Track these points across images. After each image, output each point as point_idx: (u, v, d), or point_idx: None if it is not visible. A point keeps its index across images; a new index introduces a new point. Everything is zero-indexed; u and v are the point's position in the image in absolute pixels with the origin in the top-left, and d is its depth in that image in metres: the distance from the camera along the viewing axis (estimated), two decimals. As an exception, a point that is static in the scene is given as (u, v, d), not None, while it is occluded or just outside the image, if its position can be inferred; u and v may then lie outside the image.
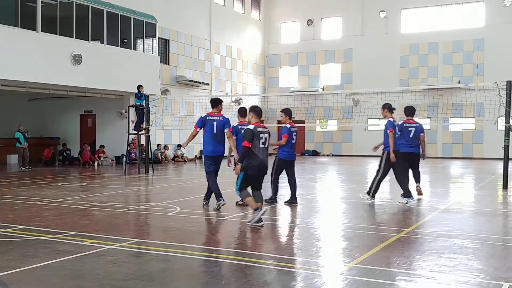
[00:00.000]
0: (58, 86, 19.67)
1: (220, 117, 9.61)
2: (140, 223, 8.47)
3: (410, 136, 10.83)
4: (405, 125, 10.88)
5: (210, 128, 9.49)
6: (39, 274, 5.23)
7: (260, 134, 7.75)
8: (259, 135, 7.74)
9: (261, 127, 7.86)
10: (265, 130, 7.87)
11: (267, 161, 7.91)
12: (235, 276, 5.22)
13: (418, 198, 11.09)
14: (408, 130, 10.84)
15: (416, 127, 10.94)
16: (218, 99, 9.86)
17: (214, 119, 9.54)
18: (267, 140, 7.87)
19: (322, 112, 31.96)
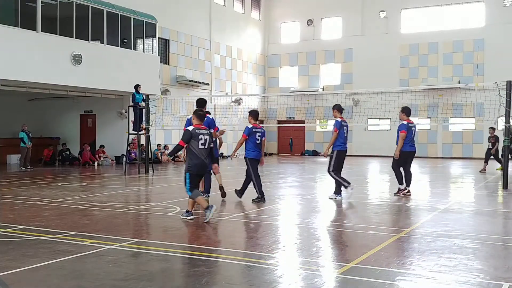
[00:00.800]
0: (58, 86, 19.67)
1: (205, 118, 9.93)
2: (140, 223, 8.46)
3: (412, 136, 11.44)
4: (410, 126, 11.48)
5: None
6: (39, 274, 5.23)
7: (200, 135, 8.13)
8: (198, 136, 8.12)
9: (201, 129, 8.25)
10: (205, 131, 8.26)
11: (208, 160, 8.41)
12: (235, 276, 5.22)
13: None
14: (411, 130, 11.45)
15: (415, 126, 11.64)
16: (203, 100, 10.36)
17: None
18: (208, 141, 8.23)
19: (322, 112, 31.95)
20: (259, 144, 10.52)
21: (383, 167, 20.96)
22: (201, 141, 8.15)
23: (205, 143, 8.20)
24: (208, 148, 8.30)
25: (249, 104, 31.82)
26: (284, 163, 25.66)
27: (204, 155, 8.21)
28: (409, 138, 11.36)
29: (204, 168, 8.34)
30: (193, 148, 8.13)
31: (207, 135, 8.27)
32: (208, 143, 8.29)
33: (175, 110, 23.82)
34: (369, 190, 14.00)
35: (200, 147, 8.15)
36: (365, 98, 29.20)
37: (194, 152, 8.15)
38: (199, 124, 8.30)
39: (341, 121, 10.97)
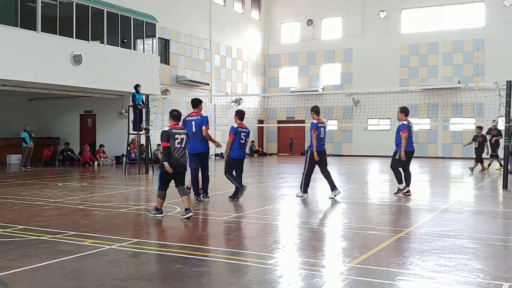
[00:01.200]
0: (58, 86, 19.66)
1: (198, 116, 10.19)
2: (140, 223, 8.46)
3: (411, 135, 11.51)
4: (410, 126, 11.54)
5: (190, 128, 10.04)
6: (39, 274, 5.23)
7: (176, 135, 8.44)
8: (175, 136, 8.42)
9: (177, 129, 8.52)
10: (181, 131, 8.56)
11: (183, 159, 8.58)
12: (235, 276, 5.22)
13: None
14: (411, 130, 11.53)
15: (412, 126, 11.71)
16: (197, 100, 10.46)
17: (192, 119, 10.19)
18: (184, 140, 8.51)
19: (322, 112, 31.70)
20: (243, 143, 10.71)
21: (383, 167, 20.96)
22: (177, 140, 8.44)
23: (181, 142, 8.49)
24: (184, 147, 8.57)
25: (249, 104, 31.83)
26: (284, 163, 25.66)
27: (180, 153, 8.48)
28: (409, 138, 11.44)
29: (180, 166, 8.56)
30: (170, 147, 8.42)
31: (183, 134, 8.58)
32: (185, 142, 8.56)
33: (175, 110, 23.78)
34: (369, 190, 14.00)
35: (176, 146, 8.43)
36: (365, 98, 29.19)
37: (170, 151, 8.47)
38: (175, 124, 8.60)
39: (317, 123, 11.24)
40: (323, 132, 11.29)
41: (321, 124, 11.31)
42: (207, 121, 10.23)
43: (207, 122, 10.22)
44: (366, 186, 14.87)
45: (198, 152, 10.20)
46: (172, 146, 8.42)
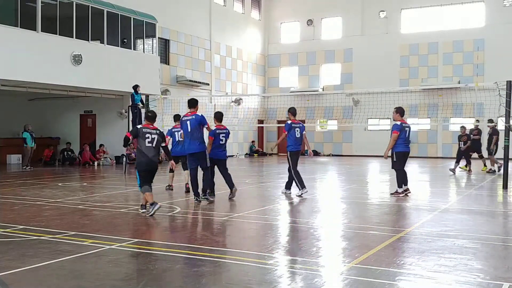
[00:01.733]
0: (58, 86, 19.66)
1: (193, 116, 10.09)
2: (140, 223, 8.46)
3: (407, 136, 11.44)
4: (403, 126, 11.45)
5: (185, 128, 10.05)
6: (39, 274, 5.23)
7: (147, 134, 8.70)
8: (145, 135, 8.68)
9: (150, 128, 8.77)
10: (153, 131, 8.76)
11: (156, 159, 8.84)
12: (235, 276, 5.22)
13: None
14: (405, 130, 11.42)
15: (409, 127, 11.60)
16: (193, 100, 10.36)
17: (187, 119, 10.10)
18: (156, 140, 8.73)
19: (322, 112, 31.97)
20: (222, 144, 10.89)
21: (383, 167, 20.96)
22: (147, 140, 8.68)
23: (152, 142, 8.69)
24: (156, 146, 8.78)
25: (249, 104, 31.83)
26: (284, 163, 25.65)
27: (151, 153, 8.74)
28: (403, 139, 11.35)
29: (151, 165, 8.82)
30: (140, 146, 8.71)
31: (156, 134, 8.76)
32: (157, 142, 8.75)
33: (175, 110, 23.73)
34: (369, 190, 14.00)
35: (147, 145, 8.67)
36: (365, 98, 29.19)
37: (140, 150, 8.75)
38: (147, 124, 8.87)
39: (291, 123, 11.44)
40: (299, 133, 11.46)
41: (295, 124, 11.49)
42: (204, 119, 10.11)
43: (205, 120, 10.13)
44: (366, 186, 14.87)
45: (194, 151, 10.14)
46: (142, 145, 8.69)
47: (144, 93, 19.10)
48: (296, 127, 11.43)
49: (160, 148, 8.93)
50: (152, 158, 8.79)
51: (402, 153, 11.40)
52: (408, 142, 11.56)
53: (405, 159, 11.59)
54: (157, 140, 8.79)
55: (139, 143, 8.73)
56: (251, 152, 32.19)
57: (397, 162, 11.48)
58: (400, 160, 11.45)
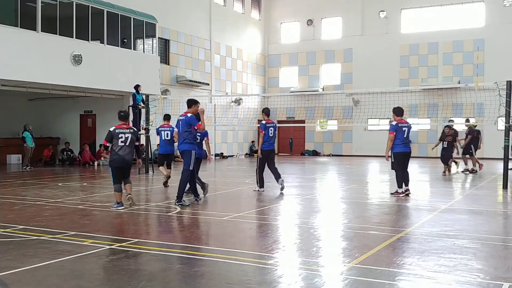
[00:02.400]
0: (58, 86, 19.66)
1: (184, 116, 10.01)
2: (140, 223, 8.46)
3: (405, 136, 11.32)
4: (400, 125, 11.33)
5: (178, 128, 10.05)
6: (39, 274, 5.23)
7: (120, 134, 9.28)
8: (118, 135, 9.26)
9: (123, 128, 9.31)
10: (126, 130, 9.34)
11: (128, 157, 9.37)
12: (235, 276, 5.22)
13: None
14: (402, 130, 11.32)
15: (408, 126, 11.44)
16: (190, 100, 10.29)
17: (180, 119, 10.09)
18: (129, 139, 9.29)
19: (322, 112, 31.97)
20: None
21: (383, 167, 20.95)
22: (121, 139, 9.25)
23: (125, 141, 9.27)
24: (130, 145, 9.32)
25: (249, 104, 31.83)
26: (284, 163, 25.65)
27: (124, 151, 9.29)
28: (401, 139, 11.24)
29: (123, 163, 9.38)
30: (114, 145, 9.25)
31: (129, 133, 9.34)
32: (130, 141, 9.31)
33: (175, 110, 23.77)
34: (369, 190, 14.00)
35: (120, 144, 9.25)
36: (365, 98, 29.18)
37: (113, 149, 9.30)
38: (120, 125, 9.40)
39: (265, 123, 12.05)
40: (272, 132, 12.11)
41: (269, 124, 12.12)
42: (194, 119, 9.83)
43: (194, 120, 9.81)
44: (366, 186, 14.87)
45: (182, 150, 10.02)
46: (115, 144, 9.24)
47: (144, 93, 19.10)
48: (270, 127, 12.07)
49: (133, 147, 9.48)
50: (124, 156, 9.32)
51: (400, 153, 11.31)
52: (408, 142, 11.43)
53: (406, 159, 11.48)
54: (130, 139, 9.32)
55: (113, 143, 9.24)
56: (251, 152, 32.19)
57: (395, 163, 11.44)
58: (399, 161, 11.36)
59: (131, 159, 9.54)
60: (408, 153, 11.51)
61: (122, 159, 9.36)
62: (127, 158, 9.42)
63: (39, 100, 24.20)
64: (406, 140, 11.35)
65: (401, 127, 11.27)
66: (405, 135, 11.29)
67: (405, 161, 11.47)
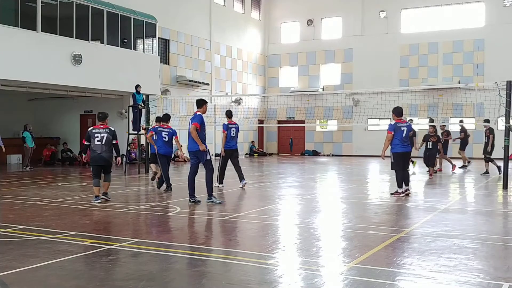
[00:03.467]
0: (58, 86, 19.67)
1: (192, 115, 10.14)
2: (140, 223, 8.46)
3: (403, 136, 11.22)
4: (398, 125, 11.25)
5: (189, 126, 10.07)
6: (39, 274, 5.23)
7: (96, 134, 10.17)
8: (94, 135, 10.15)
9: (99, 128, 10.20)
10: (102, 130, 10.18)
11: (105, 154, 10.19)
12: (235, 276, 5.22)
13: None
14: (401, 130, 11.22)
15: (407, 126, 11.35)
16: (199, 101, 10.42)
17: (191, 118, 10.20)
18: (104, 138, 10.11)
19: (322, 112, 31.96)
20: (166, 141, 12.21)
21: (383, 167, 20.96)
22: (96, 138, 10.12)
23: (101, 140, 10.11)
24: (106, 143, 10.12)
25: (249, 104, 31.84)
26: (284, 163, 25.66)
27: (99, 149, 10.12)
28: (400, 139, 11.16)
29: (99, 160, 10.21)
30: (91, 144, 10.14)
31: (105, 133, 10.17)
32: (106, 139, 10.11)
33: (175, 110, 23.80)
34: (369, 190, 14.00)
35: (96, 143, 10.10)
36: (365, 98, 29.19)
37: (91, 147, 10.18)
38: (97, 125, 10.32)
39: (228, 124, 12.76)
40: (234, 132, 12.77)
41: (232, 125, 12.80)
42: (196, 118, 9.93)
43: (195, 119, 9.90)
44: (366, 186, 14.87)
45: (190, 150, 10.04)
46: (92, 143, 10.13)
47: (144, 93, 19.10)
48: (232, 127, 12.77)
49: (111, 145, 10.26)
50: (101, 154, 10.13)
51: (399, 153, 11.26)
52: (407, 142, 11.35)
53: (405, 159, 11.44)
54: (106, 138, 10.12)
55: (91, 142, 10.15)
56: (251, 152, 32.20)
57: (395, 163, 11.43)
58: (398, 161, 11.33)
59: (108, 157, 10.27)
60: (407, 153, 11.46)
61: (99, 156, 10.16)
62: (103, 156, 10.18)
63: (39, 100, 24.21)
64: (405, 140, 11.27)
65: (399, 127, 11.19)
66: (404, 135, 11.20)
67: (404, 161, 11.44)
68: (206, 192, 10.15)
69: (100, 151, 10.13)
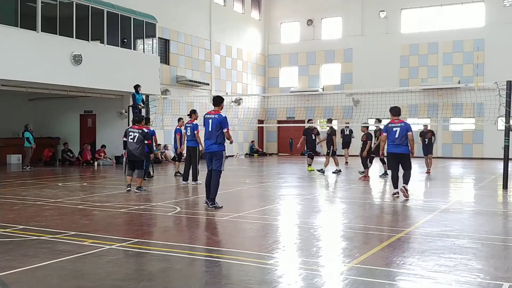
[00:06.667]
0: (58, 86, 19.66)
1: (216, 115, 9.63)
2: (140, 223, 8.46)
3: (396, 136, 10.79)
4: (390, 126, 10.97)
5: (207, 126, 9.64)
6: (39, 274, 5.23)
7: (130, 133, 11.86)
8: (129, 133, 11.86)
9: (134, 128, 11.87)
10: (135, 130, 11.84)
11: (136, 151, 11.78)
12: (235, 276, 5.22)
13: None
14: (393, 131, 10.87)
15: (401, 127, 10.82)
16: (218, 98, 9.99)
17: (210, 117, 9.66)
18: (136, 137, 11.75)
19: (322, 112, 31.94)
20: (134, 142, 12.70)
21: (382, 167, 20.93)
22: (130, 137, 11.80)
23: (134, 138, 11.76)
24: (137, 142, 11.72)
25: (249, 104, 31.83)
26: (284, 163, 25.66)
27: (132, 147, 11.73)
28: (391, 140, 10.83)
29: (131, 156, 11.86)
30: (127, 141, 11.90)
31: (137, 132, 11.78)
32: (137, 139, 11.72)
33: (175, 110, 23.81)
34: (369, 190, 13.99)
35: (129, 140, 11.80)
36: (365, 98, 29.18)
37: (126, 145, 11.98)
38: (133, 125, 12.03)
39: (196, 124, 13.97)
40: (189, 131, 14.04)
41: (188, 124, 14.24)
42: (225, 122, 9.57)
43: (226, 122, 9.56)
44: (366, 186, 14.86)
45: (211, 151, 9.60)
46: (127, 141, 11.84)
47: (144, 93, 19.09)
48: (188, 127, 14.16)
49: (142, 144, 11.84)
50: (133, 150, 11.73)
51: (389, 154, 10.99)
52: (398, 143, 10.78)
53: (396, 160, 10.93)
54: (137, 138, 11.78)
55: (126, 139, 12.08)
56: (251, 152, 32.19)
57: (388, 163, 11.31)
58: (389, 161, 11.09)
59: (139, 154, 11.80)
60: (397, 154, 10.87)
61: (130, 153, 11.82)
62: (135, 152, 11.78)
63: (39, 100, 24.20)
64: (398, 140, 10.76)
65: (391, 128, 10.86)
66: (396, 136, 10.74)
67: (395, 162, 10.95)
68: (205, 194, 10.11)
69: (132, 147, 11.75)
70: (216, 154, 9.53)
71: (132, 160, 11.96)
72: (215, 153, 9.54)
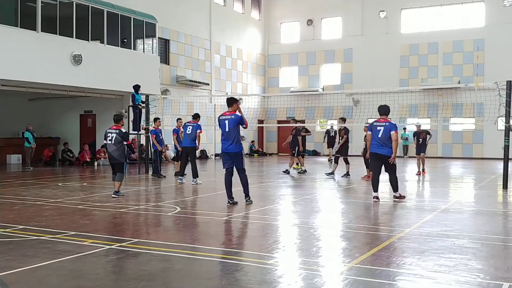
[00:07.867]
0: (58, 86, 19.66)
1: (232, 116, 9.77)
2: (140, 223, 8.46)
3: (379, 136, 10.30)
4: (374, 124, 10.52)
5: (223, 127, 9.77)
6: (39, 274, 5.23)
7: (108, 134, 11.07)
8: (107, 135, 11.06)
9: (112, 129, 11.03)
10: (113, 131, 11.00)
11: (114, 153, 11.02)
12: (235, 276, 5.22)
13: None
14: (376, 130, 10.39)
15: (385, 126, 10.32)
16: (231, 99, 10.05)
17: (225, 118, 9.79)
18: (113, 138, 10.94)
19: (322, 112, 31.95)
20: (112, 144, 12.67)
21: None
22: (108, 138, 11.02)
23: (111, 139, 10.97)
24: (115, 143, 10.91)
25: (249, 104, 31.83)
26: (284, 163, 25.65)
27: (110, 148, 11.04)
28: (375, 139, 10.36)
29: (110, 159, 11.24)
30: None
31: (114, 133, 10.95)
32: (115, 139, 10.91)
33: (175, 110, 23.82)
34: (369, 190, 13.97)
35: (108, 142, 11.04)
36: (365, 98, 29.19)
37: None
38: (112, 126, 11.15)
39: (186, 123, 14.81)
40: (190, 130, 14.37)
41: (189, 123, 14.66)
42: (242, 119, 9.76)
43: (242, 121, 9.77)
44: (366, 186, 14.85)
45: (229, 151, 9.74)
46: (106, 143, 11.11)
47: (144, 93, 19.08)
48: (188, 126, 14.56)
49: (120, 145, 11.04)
50: (111, 153, 11.04)
51: (371, 154, 10.54)
52: (383, 143, 10.30)
53: (379, 162, 10.41)
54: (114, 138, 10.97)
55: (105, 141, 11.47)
56: (251, 152, 32.19)
57: (370, 165, 10.93)
58: (371, 163, 10.68)
59: (118, 156, 11.01)
60: (381, 155, 10.32)
61: (110, 155, 11.19)
62: (113, 154, 11.05)
63: (39, 100, 24.20)
64: (381, 140, 10.27)
65: (375, 126, 10.38)
66: (379, 135, 10.24)
67: (378, 164, 10.46)
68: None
69: (110, 150, 11.06)
70: (237, 155, 9.77)
71: (112, 163, 11.26)
72: (235, 154, 9.76)
